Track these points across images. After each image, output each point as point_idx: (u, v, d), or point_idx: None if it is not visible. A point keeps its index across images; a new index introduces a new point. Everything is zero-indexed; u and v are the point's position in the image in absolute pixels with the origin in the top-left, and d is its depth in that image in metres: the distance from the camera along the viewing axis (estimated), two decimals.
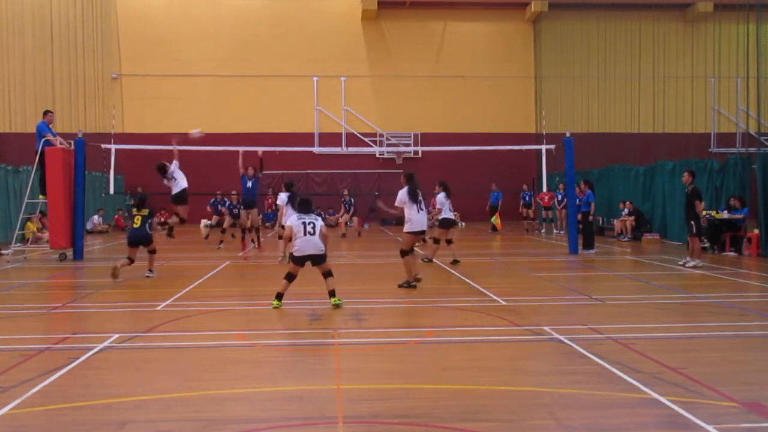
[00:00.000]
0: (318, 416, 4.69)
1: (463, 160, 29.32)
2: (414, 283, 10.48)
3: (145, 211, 12.27)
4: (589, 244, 16.48)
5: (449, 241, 14.24)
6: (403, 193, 10.73)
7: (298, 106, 30.52)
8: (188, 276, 12.27)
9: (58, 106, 27.99)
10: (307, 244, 9.02)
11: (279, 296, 8.97)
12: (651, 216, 20.77)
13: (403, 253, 10.56)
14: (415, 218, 10.68)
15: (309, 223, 9.04)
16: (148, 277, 11.94)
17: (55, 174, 15.14)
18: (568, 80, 29.96)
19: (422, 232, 11.05)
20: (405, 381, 5.60)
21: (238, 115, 30.02)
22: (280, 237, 14.17)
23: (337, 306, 8.86)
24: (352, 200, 23.90)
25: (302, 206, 9.41)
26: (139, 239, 12.11)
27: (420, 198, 10.79)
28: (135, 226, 12.18)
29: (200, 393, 5.24)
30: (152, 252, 12.34)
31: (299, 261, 9.11)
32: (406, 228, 10.78)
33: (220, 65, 30.31)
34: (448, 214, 13.98)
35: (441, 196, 13.82)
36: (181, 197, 14.85)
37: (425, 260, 14.10)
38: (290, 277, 9.11)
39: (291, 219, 9.40)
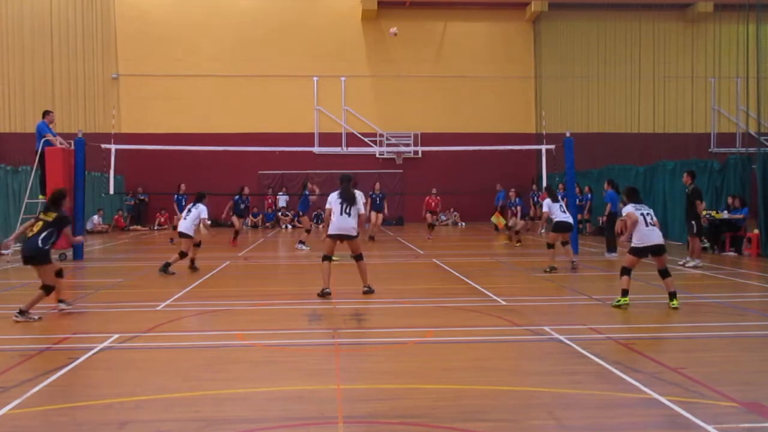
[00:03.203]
0: (318, 416, 4.69)
1: (463, 160, 29.34)
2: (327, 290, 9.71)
3: (51, 216, 8.58)
4: (611, 247, 15.63)
5: (564, 243, 13.33)
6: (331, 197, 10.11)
7: (298, 106, 30.52)
8: (188, 276, 12.27)
9: (57, 106, 27.98)
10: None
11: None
12: None
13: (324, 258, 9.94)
14: (335, 221, 9.89)
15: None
16: (61, 310, 8.68)
17: (55, 174, 15.14)
18: (568, 80, 29.95)
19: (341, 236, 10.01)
20: (405, 381, 5.60)
21: (238, 115, 30.03)
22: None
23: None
24: (383, 195, 20.74)
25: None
26: (31, 254, 8.43)
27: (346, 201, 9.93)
28: (29, 235, 8.56)
29: (200, 393, 5.24)
30: (46, 281, 8.39)
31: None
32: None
33: (220, 65, 30.31)
34: (561, 217, 13.04)
35: (548, 201, 13.20)
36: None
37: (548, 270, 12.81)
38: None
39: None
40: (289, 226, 27.67)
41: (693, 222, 13.39)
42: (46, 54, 29.40)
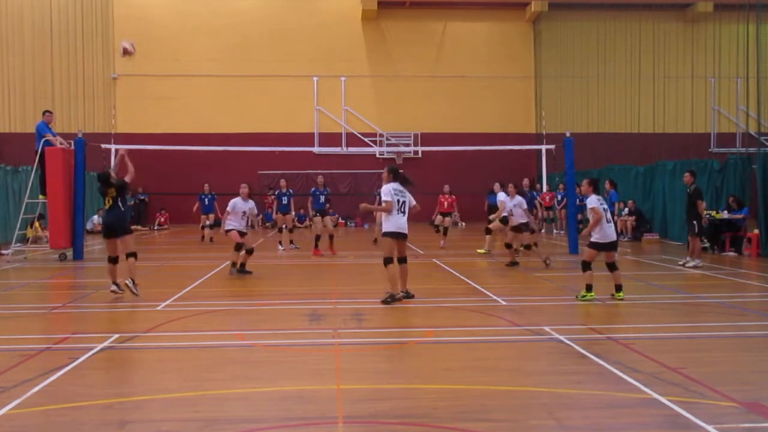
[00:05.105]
0: (318, 416, 4.69)
1: (463, 160, 29.33)
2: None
3: (113, 191, 9.79)
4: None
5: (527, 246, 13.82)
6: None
7: (298, 106, 30.52)
8: (188, 276, 12.27)
9: (57, 106, 28.02)
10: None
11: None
12: (651, 216, 20.78)
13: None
14: (394, 219, 9.42)
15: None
16: (113, 292, 9.64)
17: (55, 174, 15.14)
18: (568, 80, 29.97)
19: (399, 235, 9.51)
20: (405, 381, 5.60)
21: (238, 115, 30.04)
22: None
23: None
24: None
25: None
26: (115, 224, 9.72)
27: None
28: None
29: (200, 393, 5.23)
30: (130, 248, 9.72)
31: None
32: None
33: (220, 65, 30.31)
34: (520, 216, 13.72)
35: (502, 195, 13.72)
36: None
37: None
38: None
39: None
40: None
41: (694, 222, 13.39)
42: (46, 54, 29.41)
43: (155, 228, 28.05)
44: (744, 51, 18.95)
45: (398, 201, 9.24)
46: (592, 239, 9.31)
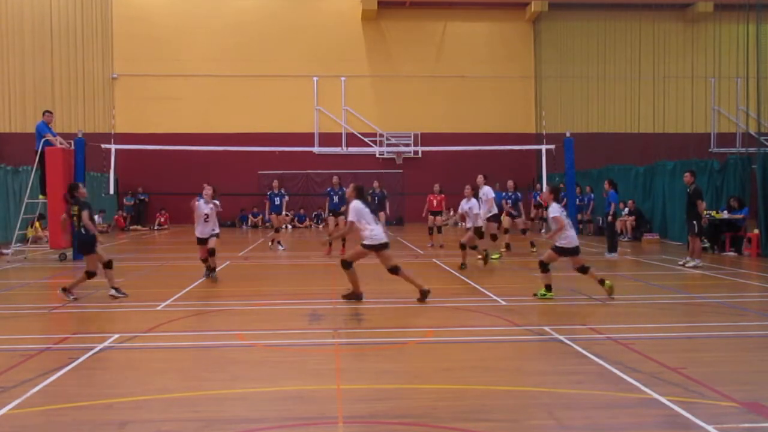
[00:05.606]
0: (318, 416, 4.69)
1: (463, 160, 29.29)
2: None
3: (75, 209, 9.96)
4: (612, 247, 15.63)
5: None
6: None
7: (298, 106, 30.51)
8: (188, 276, 12.26)
9: (57, 106, 28.00)
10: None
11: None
12: (651, 216, 20.78)
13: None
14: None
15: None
16: (112, 296, 9.83)
17: (55, 174, 15.15)
18: (568, 80, 29.97)
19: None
20: (405, 381, 5.60)
21: (238, 115, 30.02)
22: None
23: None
24: (385, 193, 19.87)
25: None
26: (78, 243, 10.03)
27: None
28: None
29: (200, 393, 5.24)
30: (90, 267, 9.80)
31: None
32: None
33: (220, 65, 30.30)
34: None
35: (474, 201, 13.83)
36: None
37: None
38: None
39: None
40: (290, 227, 27.67)
41: (694, 222, 13.38)
42: (46, 54, 29.40)
43: (155, 228, 28.05)
44: (744, 51, 18.94)
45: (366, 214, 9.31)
46: (558, 244, 9.61)
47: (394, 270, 9.39)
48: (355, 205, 9.41)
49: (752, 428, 4.46)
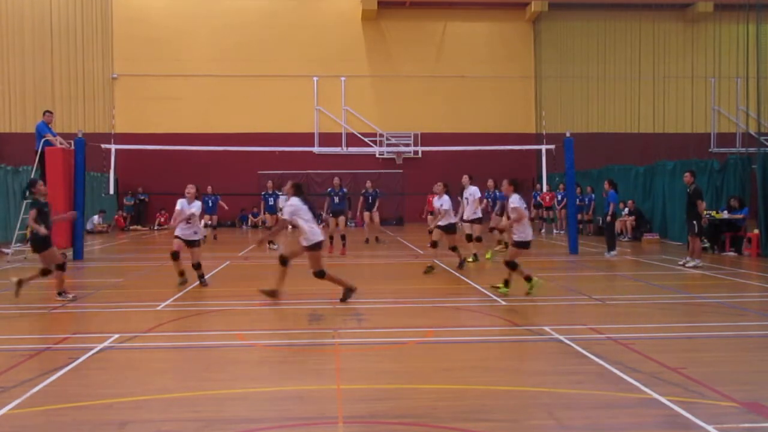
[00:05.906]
0: (318, 416, 4.69)
1: (463, 160, 29.27)
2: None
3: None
4: (611, 247, 15.74)
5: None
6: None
7: (298, 106, 30.51)
8: (188, 276, 12.25)
9: (57, 106, 28.00)
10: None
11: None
12: (651, 216, 20.78)
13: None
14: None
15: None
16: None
17: (55, 174, 15.14)
18: (568, 80, 29.98)
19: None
20: (405, 381, 5.60)
21: (238, 115, 30.03)
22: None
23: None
24: (377, 192, 19.79)
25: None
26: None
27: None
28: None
29: (200, 393, 5.24)
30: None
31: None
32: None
33: (220, 65, 30.30)
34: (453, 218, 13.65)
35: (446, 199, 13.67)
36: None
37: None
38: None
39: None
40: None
41: (694, 222, 13.38)
42: (46, 54, 29.40)
43: (155, 228, 28.04)
44: (744, 51, 18.95)
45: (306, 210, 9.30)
46: (516, 239, 9.76)
47: (319, 275, 9.29)
48: (292, 201, 9.41)
49: (752, 428, 4.46)
